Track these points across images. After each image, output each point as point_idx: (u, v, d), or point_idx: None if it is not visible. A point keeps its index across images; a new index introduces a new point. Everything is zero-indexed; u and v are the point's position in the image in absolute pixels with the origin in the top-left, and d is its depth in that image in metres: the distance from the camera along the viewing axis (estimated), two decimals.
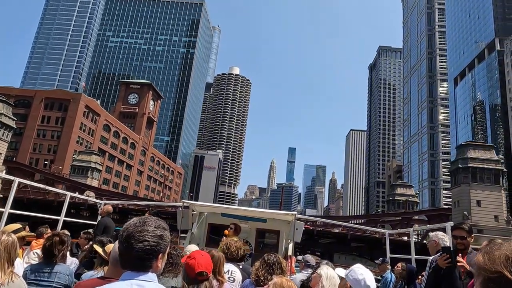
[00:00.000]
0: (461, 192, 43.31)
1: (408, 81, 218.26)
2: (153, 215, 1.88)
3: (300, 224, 8.26)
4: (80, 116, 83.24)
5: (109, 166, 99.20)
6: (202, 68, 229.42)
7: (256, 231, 9.05)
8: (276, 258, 3.88)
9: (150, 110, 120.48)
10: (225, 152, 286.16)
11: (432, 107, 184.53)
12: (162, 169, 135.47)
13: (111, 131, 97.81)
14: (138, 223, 1.74)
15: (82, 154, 76.03)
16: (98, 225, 8.29)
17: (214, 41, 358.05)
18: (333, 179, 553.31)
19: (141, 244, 1.66)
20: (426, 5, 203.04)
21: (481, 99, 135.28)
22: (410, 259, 7.93)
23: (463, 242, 4.14)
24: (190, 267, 2.76)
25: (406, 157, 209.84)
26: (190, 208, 8.58)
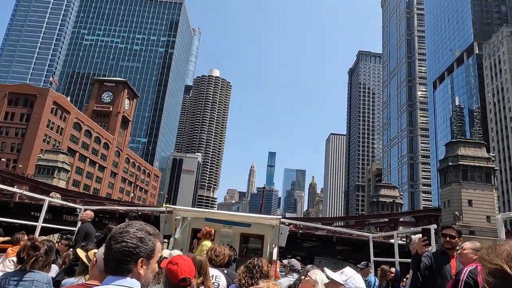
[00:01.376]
0: (451, 191, 41.18)
1: (388, 85, 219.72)
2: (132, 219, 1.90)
3: (284, 229, 8.19)
4: (48, 113, 77.76)
5: (79, 167, 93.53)
6: (181, 69, 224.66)
7: (240, 236, 8.96)
8: (257, 262, 3.78)
9: (125, 109, 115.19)
10: (205, 155, 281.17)
11: (412, 111, 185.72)
12: (138, 171, 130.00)
13: (82, 130, 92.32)
14: (123, 225, 1.69)
15: (48, 153, 70.67)
16: (79, 231, 8.07)
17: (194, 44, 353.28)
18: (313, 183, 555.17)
19: (118, 245, 1.60)
20: (405, 10, 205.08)
21: (460, 103, 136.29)
22: (394, 262, 8.00)
23: (451, 241, 4.11)
24: (173, 273, 2.64)
25: (385, 161, 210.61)
26: (173, 213, 8.40)
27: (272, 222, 8.75)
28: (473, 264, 3.68)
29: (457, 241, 4.25)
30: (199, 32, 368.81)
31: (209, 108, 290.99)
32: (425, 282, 4.04)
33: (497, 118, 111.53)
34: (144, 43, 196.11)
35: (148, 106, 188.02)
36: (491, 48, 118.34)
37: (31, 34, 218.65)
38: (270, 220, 8.95)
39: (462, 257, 4.00)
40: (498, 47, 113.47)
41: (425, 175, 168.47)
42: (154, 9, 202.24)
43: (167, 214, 8.35)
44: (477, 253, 3.75)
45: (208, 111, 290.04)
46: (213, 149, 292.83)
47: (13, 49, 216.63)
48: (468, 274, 3.52)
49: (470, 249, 3.96)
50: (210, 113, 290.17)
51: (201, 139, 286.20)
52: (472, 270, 3.55)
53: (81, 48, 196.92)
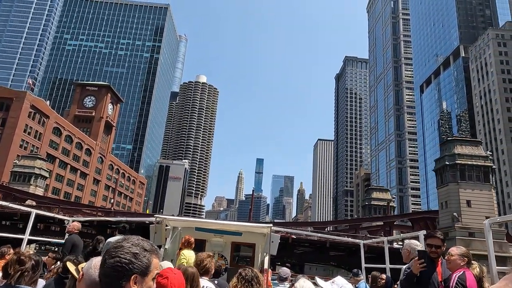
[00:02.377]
0: (449, 192, 39.35)
1: (375, 89, 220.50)
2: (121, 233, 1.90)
3: (275, 237, 8.01)
4: (25, 117, 73.98)
5: (59, 174, 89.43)
6: (167, 74, 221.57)
7: (231, 245, 8.90)
8: (254, 273, 3.82)
9: (108, 114, 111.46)
10: (192, 162, 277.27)
11: (399, 115, 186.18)
12: (122, 179, 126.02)
13: (63, 135, 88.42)
14: (120, 240, 1.61)
15: (25, 159, 66.84)
16: (65, 243, 7.95)
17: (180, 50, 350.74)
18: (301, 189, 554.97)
19: (112, 260, 1.53)
20: (391, 15, 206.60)
21: (447, 106, 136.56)
22: (385, 269, 8.03)
23: (437, 251, 4.18)
24: (163, 287, 2.54)
25: (374, 165, 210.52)
26: (163, 223, 8.25)
27: (263, 230, 8.65)
28: (461, 269, 3.79)
29: (442, 249, 4.25)
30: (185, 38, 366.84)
31: (196, 115, 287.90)
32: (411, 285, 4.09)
33: (485, 120, 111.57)
34: (129, 48, 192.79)
35: (133, 112, 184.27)
36: (477, 50, 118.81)
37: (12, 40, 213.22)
38: (261, 229, 8.85)
39: (450, 263, 3.98)
40: (484, 50, 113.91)
41: (413, 179, 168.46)
42: (139, 14, 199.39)
43: (156, 224, 8.17)
44: (464, 259, 3.90)
45: (195, 117, 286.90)
46: (201, 155, 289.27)
47: None
48: (457, 280, 3.61)
49: (458, 255, 3.97)
50: (197, 120, 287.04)
51: (188, 145, 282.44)
52: (461, 276, 3.67)
53: (64, 53, 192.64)
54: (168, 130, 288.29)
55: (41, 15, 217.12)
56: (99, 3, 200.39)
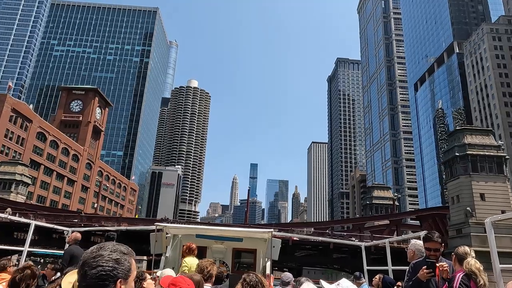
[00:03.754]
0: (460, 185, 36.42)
1: (368, 89, 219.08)
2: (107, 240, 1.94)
3: (276, 242, 8.09)
4: (5, 121, 70.03)
5: (45, 181, 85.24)
6: (158, 79, 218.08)
7: (232, 251, 8.93)
8: (258, 278, 3.84)
9: (96, 118, 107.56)
10: (185, 168, 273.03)
11: (393, 114, 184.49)
12: (113, 185, 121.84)
13: (48, 141, 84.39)
14: (95, 249, 1.59)
15: (5, 164, 62.86)
16: (64, 255, 7.96)
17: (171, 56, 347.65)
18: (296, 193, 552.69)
19: (94, 271, 1.51)
20: (382, 14, 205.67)
21: (443, 103, 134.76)
22: (387, 270, 8.02)
23: (435, 254, 4.22)
24: None
25: (369, 166, 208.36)
26: (164, 231, 8.25)
27: (264, 235, 8.58)
28: (460, 270, 3.80)
29: (441, 252, 4.25)
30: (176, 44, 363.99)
31: (188, 119, 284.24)
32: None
33: (482, 116, 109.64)
34: (117, 52, 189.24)
35: (123, 118, 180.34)
36: (471, 46, 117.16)
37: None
38: (261, 234, 8.81)
39: (444, 272, 3.98)
40: (479, 45, 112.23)
41: (410, 178, 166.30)
42: (127, 18, 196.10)
43: (157, 232, 8.12)
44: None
45: (187, 122, 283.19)
46: (194, 161, 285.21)
47: None
48: (461, 280, 3.64)
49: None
50: (190, 124, 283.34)
51: (181, 151, 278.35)
52: (464, 276, 3.69)
53: (51, 59, 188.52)
54: (160, 136, 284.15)
55: (28, 21, 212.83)
56: (86, 8, 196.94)
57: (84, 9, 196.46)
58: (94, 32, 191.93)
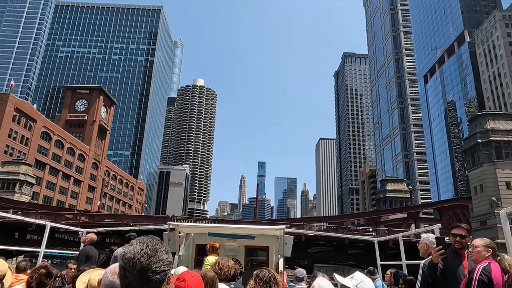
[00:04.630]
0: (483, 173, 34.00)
1: (376, 83, 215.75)
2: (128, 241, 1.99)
3: (289, 238, 8.18)
4: (9, 121, 68.92)
5: (51, 182, 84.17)
6: (164, 78, 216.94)
7: (245, 249, 8.99)
8: (271, 274, 3.83)
9: (102, 117, 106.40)
10: (193, 167, 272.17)
11: (403, 107, 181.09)
12: (120, 185, 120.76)
13: (53, 140, 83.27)
14: (149, 252, 1.57)
15: (8, 164, 61.75)
16: (79, 255, 8.14)
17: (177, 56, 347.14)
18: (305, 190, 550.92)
19: (159, 276, 1.57)
20: (389, 6, 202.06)
21: (454, 93, 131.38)
22: (401, 265, 8.03)
23: (461, 241, 4.11)
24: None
25: (379, 161, 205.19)
26: (176, 230, 8.36)
27: (276, 232, 8.67)
28: (485, 261, 3.70)
29: (467, 241, 4.09)
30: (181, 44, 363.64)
31: (195, 118, 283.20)
32: (438, 284, 3.94)
33: (496, 106, 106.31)
34: (122, 52, 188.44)
35: (129, 118, 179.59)
36: (483, 34, 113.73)
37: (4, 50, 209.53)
38: (274, 231, 8.80)
39: (474, 255, 3.87)
40: (491, 32, 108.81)
41: (421, 172, 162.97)
42: (132, 17, 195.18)
43: (170, 231, 8.22)
44: (489, 249, 3.82)
45: (194, 121, 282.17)
46: (201, 160, 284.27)
47: None
48: (481, 271, 3.54)
49: (482, 246, 3.88)
50: (196, 123, 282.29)
51: (188, 150, 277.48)
52: (485, 267, 3.59)
53: (57, 60, 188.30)
54: (167, 135, 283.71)
55: (33, 23, 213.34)
56: (90, 8, 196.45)
57: (88, 9, 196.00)
58: (99, 32, 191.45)
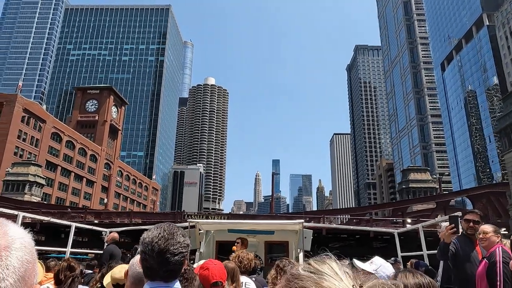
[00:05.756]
0: None
1: (390, 74, 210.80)
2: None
3: (308, 232, 8.28)
4: (18, 122, 67.95)
5: (63, 183, 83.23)
6: (175, 77, 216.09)
7: (264, 244, 9.10)
8: (291, 263, 3.91)
9: (112, 117, 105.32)
10: (207, 166, 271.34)
11: (419, 98, 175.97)
12: (133, 185, 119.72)
13: (63, 141, 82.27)
14: (166, 236, 1.70)
15: (18, 166, 60.64)
16: (103, 253, 8.49)
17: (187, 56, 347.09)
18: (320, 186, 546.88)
19: (177, 257, 1.68)
20: None
21: (474, 80, 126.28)
22: (422, 255, 8.03)
23: (475, 226, 4.10)
24: (205, 278, 2.75)
25: (396, 154, 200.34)
26: (197, 227, 8.46)
27: (295, 227, 8.70)
28: (497, 245, 3.74)
29: (479, 226, 4.08)
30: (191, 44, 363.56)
31: (207, 117, 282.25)
32: (453, 269, 3.99)
33: None
34: (133, 53, 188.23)
35: (142, 118, 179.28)
36: (504, 16, 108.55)
37: (17, 56, 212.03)
38: (293, 226, 8.84)
39: (486, 241, 3.87)
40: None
41: (441, 163, 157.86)
42: (140, 18, 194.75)
43: (190, 228, 8.35)
44: (498, 235, 3.87)
45: (207, 120, 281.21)
46: (215, 158, 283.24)
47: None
48: (502, 254, 3.58)
49: (492, 232, 3.90)
50: (209, 122, 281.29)
51: (202, 149, 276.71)
52: (504, 250, 3.65)
53: (68, 64, 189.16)
54: (180, 135, 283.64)
55: (44, 28, 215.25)
56: (99, 10, 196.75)
57: (97, 11, 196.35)
58: (108, 34, 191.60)
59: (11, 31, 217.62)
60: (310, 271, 0.72)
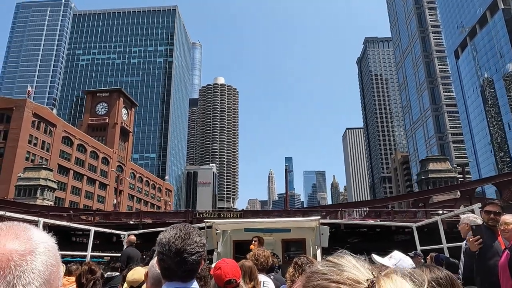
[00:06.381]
0: None
1: (402, 65, 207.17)
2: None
3: (325, 229, 8.24)
4: (28, 127, 67.81)
5: (76, 187, 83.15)
6: (184, 78, 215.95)
7: (281, 242, 9.16)
8: (309, 260, 3.95)
9: (123, 119, 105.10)
10: (220, 166, 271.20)
11: (433, 87, 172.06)
12: (147, 187, 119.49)
13: (74, 145, 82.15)
14: (183, 235, 1.73)
15: (29, 170, 60.47)
16: (121, 256, 8.69)
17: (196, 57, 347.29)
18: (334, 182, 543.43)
19: (194, 257, 1.70)
20: None
21: (490, 67, 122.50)
22: (442, 249, 8.02)
23: (496, 218, 4.03)
24: (218, 278, 2.80)
25: (411, 146, 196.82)
26: (213, 228, 8.55)
27: (312, 224, 8.77)
28: None
29: (500, 217, 3.99)
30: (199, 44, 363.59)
31: (218, 117, 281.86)
32: (475, 260, 3.91)
33: None
34: (141, 55, 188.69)
35: (153, 120, 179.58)
36: None
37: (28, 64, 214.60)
38: (309, 223, 8.96)
39: (508, 232, 3.78)
40: None
41: (458, 153, 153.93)
42: (147, 20, 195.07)
43: (206, 229, 8.38)
44: None
45: (218, 119, 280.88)
46: (228, 158, 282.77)
47: (11, 81, 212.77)
48: None
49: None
50: (220, 122, 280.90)
51: (214, 149, 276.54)
52: None
53: (78, 69, 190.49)
54: (192, 136, 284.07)
55: (54, 35, 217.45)
56: (106, 15, 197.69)
57: (105, 16, 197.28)
58: (116, 38, 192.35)
59: (21, 39, 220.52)
60: (329, 266, 0.76)
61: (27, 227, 0.77)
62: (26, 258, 0.71)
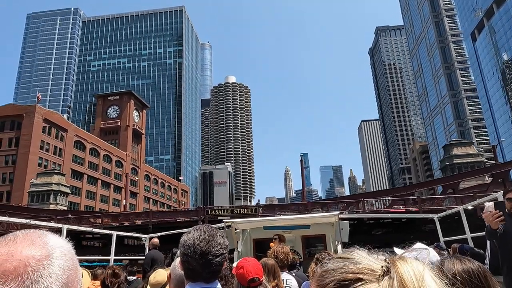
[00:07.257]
0: None
1: (416, 52, 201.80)
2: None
3: (345, 224, 8.18)
4: (39, 133, 67.38)
5: (90, 191, 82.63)
6: (194, 78, 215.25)
7: (301, 239, 9.22)
8: (331, 256, 3.71)
9: (134, 121, 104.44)
10: (235, 165, 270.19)
11: (450, 73, 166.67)
12: (162, 188, 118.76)
13: (87, 149, 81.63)
14: (207, 237, 1.76)
15: (41, 176, 59.89)
16: (145, 259, 8.91)
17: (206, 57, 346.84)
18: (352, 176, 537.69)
19: (218, 259, 1.73)
20: None
21: (510, 47, 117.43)
22: (466, 239, 7.93)
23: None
24: (241, 277, 2.81)
25: (429, 134, 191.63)
26: (233, 227, 8.58)
27: (331, 219, 8.72)
28: None
29: None
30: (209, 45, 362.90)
31: (231, 115, 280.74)
32: (500, 249, 3.89)
33: None
34: (151, 58, 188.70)
35: (166, 121, 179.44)
36: None
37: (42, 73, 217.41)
38: (328, 218, 8.92)
39: None
40: None
41: (480, 139, 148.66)
42: (155, 22, 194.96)
43: (226, 228, 8.47)
44: None
45: (231, 118, 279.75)
46: (243, 156, 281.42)
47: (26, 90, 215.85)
48: None
49: None
50: (233, 120, 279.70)
51: (229, 148, 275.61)
52: None
53: (90, 75, 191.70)
54: (206, 136, 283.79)
55: (65, 43, 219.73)
56: (115, 20, 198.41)
57: (113, 21, 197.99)
58: (126, 42, 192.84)
59: (34, 49, 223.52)
60: (340, 262, 0.73)
61: (43, 233, 0.81)
62: (43, 263, 0.74)
